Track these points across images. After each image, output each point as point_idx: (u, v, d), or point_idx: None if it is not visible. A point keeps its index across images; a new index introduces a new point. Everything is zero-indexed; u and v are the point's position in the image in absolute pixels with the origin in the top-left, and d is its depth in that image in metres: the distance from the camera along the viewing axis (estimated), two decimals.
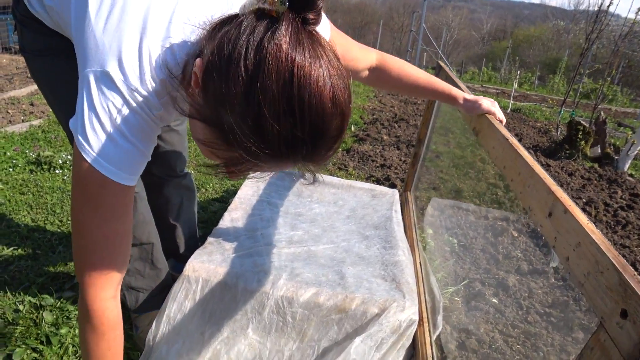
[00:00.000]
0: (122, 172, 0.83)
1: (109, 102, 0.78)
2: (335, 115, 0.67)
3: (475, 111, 1.39)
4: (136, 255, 1.51)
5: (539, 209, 0.83)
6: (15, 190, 2.57)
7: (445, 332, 1.66)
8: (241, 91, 0.64)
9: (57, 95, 1.24)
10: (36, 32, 1.14)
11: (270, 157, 0.68)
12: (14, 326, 1.60)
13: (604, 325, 0.56)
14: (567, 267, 0.69)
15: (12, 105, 4.33)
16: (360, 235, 1.76)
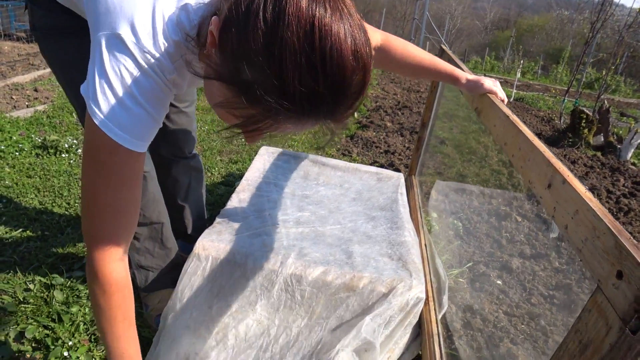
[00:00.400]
0: (133, 138, 0.82)
1: (120, 65, 0.77)
2: (356, 69, 0.65)
3: (478, 90, 1.41)
4: (146, 234, 1.52)
5: (539, 181, 0.85)
6: (22, 174, 2.59)
7: (450, 312, 1.68)
8: (261, 45, 0.63)
9: (66, 74, 1.26)
10: (46, 9, 1.14)
11: (290, 114, 0.67)
12: (25, 304, 1.62)
13: (600, 287, 0.58)
14: (566, 236, 0.71)
15: (15, 91, 4.34)
16: (366, 216, 1.78)
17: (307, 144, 3.78)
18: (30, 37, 6.76)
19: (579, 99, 6.26)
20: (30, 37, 6.75)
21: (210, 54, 0.73)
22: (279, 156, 2.15)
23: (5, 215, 2.17)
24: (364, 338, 1.31)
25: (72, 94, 1.29)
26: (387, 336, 1.37)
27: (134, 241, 1.51)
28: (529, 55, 17.80)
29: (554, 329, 1.71)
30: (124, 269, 0.95)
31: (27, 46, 6.64)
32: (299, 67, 0.62)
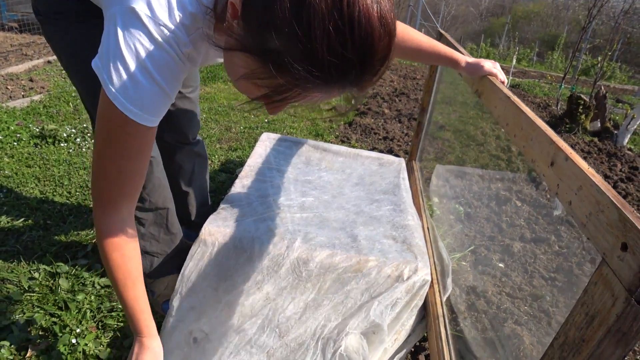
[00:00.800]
0: (144, 113, 0.83)
1: (134, 39, 0.77)
2: (383, 35, 0.65)
3: (478, 73, 1.40)
4: (151, 219, 1.52)
5: (542, 160, 0.85)
6: (22, 164, 2.58)
7: (454, 294, 1.69)
8: (288, 13, 0.62)
9: (70, 58, 1.25)
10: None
11: (318, 82, 0.66)
12: (31, 293, 1.63)
13: (605, 260, 0.59)
14: (570, 211, 0.72)
15: (10, 81, 4.30)
16: (369, 199, 1.78)
17: (305, 131, 3.77)
18: (22, 27, 6.69)
19: (575, 85, 6.26)
20: (22, 27, 6.68)
21: (231, 26, 0.72)
22: (280, 142, 2.14)
23: (7, 205, 2.16)
24: (372, 321, 1.32)
25: (76, 78, 1.28)
26: (394, 318, 1.38)
27: (139, 227, 1.51)
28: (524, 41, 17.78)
29: (556, 310, 1.73)
30: (128, 227, 0.99)
31: (20, 36, 6.58)
32: (327, 34, 0.62)
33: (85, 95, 1.32)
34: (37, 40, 6.37)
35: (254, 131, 3.60)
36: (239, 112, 4.08)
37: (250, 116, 4.02)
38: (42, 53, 5.67)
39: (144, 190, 1.45)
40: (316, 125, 3.93)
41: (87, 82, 1.25)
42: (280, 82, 0.68)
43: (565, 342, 0.63)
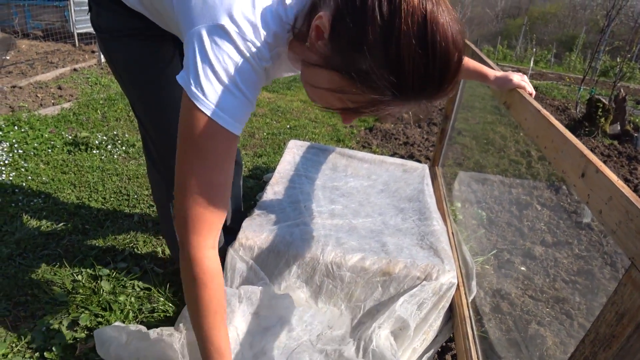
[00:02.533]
0: (235, 121, 0.87)
1: (223, 53, 0.83)
2: (457, 55, 0.73)
3: (507, 86, 1.47)
4: None
5: (573, 171, 0.92)
6: (57, 170, 2.69)
7: (479, 296, 1.75)
8: (379, 37, 0.70)
9: (131, 75, 1.30)
10: (114, 12, 1.19)
11: (401, 97, 0.74)
12: (75, 294, 1.72)
13: (634, 264, 0.65)
14: (600, 219, 0.78)
15: (40, 89, 4.45)
16: (395, 208, 1.85)
17: (327, 136, 3.85)
18: (46, 36, 6.87)
19: (594, 87, 6.24)
20: (46, 35, 6.85)
21: (314, 45, 0.80)
22: (307, 149, 2.22)
23: (46, 210, 2.27)
24: (398, 316, 1.38)
25: (135, 93, 1.34)
26: (422, 319, 1.45)
27: None
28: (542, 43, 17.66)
29: (578, 312, 1.77)
30: (217, 257, 0.97)
31: (44, 44, 6.75)
32: (413, 57, 0.70)
33: (142, 109, 1.37)
34: (61, 48, 6.54)
35: (277, 137, 3.69)
36: (261, 118, 4.17)
37: (273, 122, 4.11)
38: (67, 61, 5.84)
39: None
40: (337, 131, 4.01)
41: (146, 95, 1.31)
42: (364, 98, 0.77)
43: (597, 338, 0.70)
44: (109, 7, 1.19)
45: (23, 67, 5.33)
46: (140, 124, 1.44)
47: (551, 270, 2.06)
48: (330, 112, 0.85)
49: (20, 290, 1.74)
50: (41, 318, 1.62)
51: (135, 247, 2.02)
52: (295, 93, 5.32)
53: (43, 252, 1.96)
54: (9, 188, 2.44)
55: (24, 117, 3.40)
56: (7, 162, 2.72)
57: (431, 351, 1.54)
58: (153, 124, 1.37)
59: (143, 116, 1.39)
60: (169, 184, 1.47)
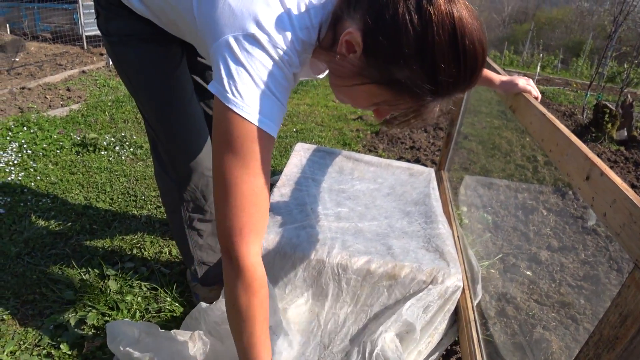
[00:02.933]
0: (275, 125, 0.90)
1: (256, 60, 0.85)
2: (483, 54, 0.79)
3: (512, 91, 1.48)
4: (210, 230, 1.60)
5: (577, 174, 0.93)
6: (66, 171, 2.72)
7: (484, 300, 1.75)
8: (414, 50, 0.75)
9: (141, 78, 1.30)
10: (123, 17, 1.19)
11: (434, 98, 0.81)
12: (82, 294, 1.73)
13: (638, 266, 0.66)
14: (604, 222, 0.79)
15: (49, 90, 4.49)
16: (401, 211, 1.86)
17: (333, 140, 3.86)
18: (55, 38, 6.92)
19: (601, 93, 6.23)
20: (55, 37, 6.91)
21: (347, 59, 0.85)
22: (314, 152, 2.23)
23: (54, 210, 2.29)
24: (404, 320, 1.39)
25: (145, 96, 1.33)
26: (428, 322, 1.45)
27: (198, 238, 1.59)
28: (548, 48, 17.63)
29: (584, 317, 1.77)
30: (262, 264, 0.96)
31: (53, 46, 6.80)
32: (447, 63, 0.76)
33: (150, 113, 1.36)
34: (69, 50, 6.60)
35: (284, 140, 3.70)
36: None
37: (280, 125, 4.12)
38: (76, 63, 5.89)
39: (205, 202, 1.53)
40: (343, 135, 4.02)
41: (157, 97, 1.32)
42: (402, 101, 0.84)
43: (600, 340, 0.70)
44: (117, 12, 1.19)
45: (32, 69, 5.38)
46: (149, 127, 1.44)
47: (557, 275, 2.06)
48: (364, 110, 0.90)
49: (28, 289, 1.76)
50: (49, 316, 1.64)
51: (142, 247, 2.04)
52: (302, 97, 5.34)
53: (51, 252, 1.98)
54: (18, 188, 2.47)
55: (33, 118, 3.44)
56: (16, 162, 2.75)
57: (436, 354, 1.55)
58: (163, 127, 1.38)
59: (153, 119, 1.38)
60: (181, 187, 1.49)
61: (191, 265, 1.62)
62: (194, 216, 1.55)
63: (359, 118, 4.62)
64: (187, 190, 1.49)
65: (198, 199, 1.51)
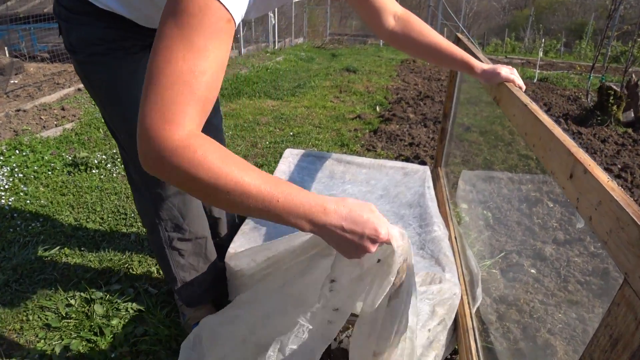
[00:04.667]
0: (233, 3, 0.76)
1: None
2: None
3: (494, 80, 1.39)
4: (191, 250, 1.53)
5: (561, 172, 0.83)
6: (56, 192, 2.67)
7: (484, 304, 1.67)
8: None
9: (113, 95, 1.24)
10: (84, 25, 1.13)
11: None
12: (68, 319, 1.68)
13: (627, 280, 0.56)
14: (590, 227, 0.70)
15: (44, 111, 4.46)
16: (395, 215, 1.78)
17: (331, 142, 3.79)
18: (52, 57, 6.92)
19: (605, 74, 6.09)
20: (52, 57, 6.91)
21: None
22: (303, 157, 2.16)
23: (44, 233, 2.24)
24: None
25: (119, 114, 1.27)
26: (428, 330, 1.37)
27: (179, 258, 1.52)
28: (550, 33, 17.40)
29: (592, 315, 1.68)
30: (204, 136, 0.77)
31: (52, 66, 6.80)
32: None
33: (126, 129, 1.30)
34: (67, 68, 6.58)
35: (280, 145, 3.63)
36: (264, 127, 4.12)
37: (276, 130, 4.06)
38: (73, 81, 5.86)
39: (183, 221, 1.47)
40: (341, 135, 3.94)
41: (132, 114, 1.15)
42: None
43: None
44: (78, 21, 1.13)
45: (30, 90, 5.36)
46: (121, 147, 1.38)
47: (563, 271, 1.97)
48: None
49: (15, 317, 1.72)
50: (35, 345, 1.59)
51: (130, 267, 1.98)
52: (300, 99, 5.28)
53: (39, 277, 1.93)
54: (8, 213, 2.42)
55: (26, 140, 3.40)
56: (7, 187, 2.71)
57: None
58: (130, 136, 1.29)
59: (127, 138, 1.32)
60: (157, 206, 1.43)
61: (174, 285, 1.55)
62: (173, 235, 1.49)
63: (357, 117, 4.54)
64: (163, 209, 1.43)
65: (175, 217, 1.45)
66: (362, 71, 7.39)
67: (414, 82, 6.78)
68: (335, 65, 7.99)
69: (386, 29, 1.38)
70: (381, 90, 5.99)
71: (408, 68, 8.25)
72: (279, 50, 10.09)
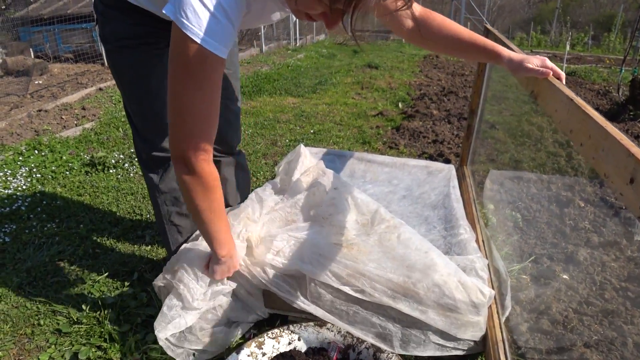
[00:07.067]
0: (222, 46, 0.96)
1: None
2: None
3: (521, 72, 1.24)
4: (189, 228, 1.65)
5: (618, 175, 0.72)
6: (73, 192, 2.64)
7: (514, 313, 1.56)
8: None
9: (134, 85, 1.39)
10: (117, 20, 1.27)
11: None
12: (79, 325, 1.63)
13: None
14: None
15: (65, 111, 4.47)
16: (418, 216, 1.68)
17: (352, 139, 3.69)
18: (77, 58, 6.99)
19: (637, 67, 5.84)
20: (77, 57, 6.98)
21: None
22: (323, 156, 2.08)
23: (59, 235, 2.21)
24: None
25: (132, 96, 1.44)
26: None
27: (177, 235, 1.64)
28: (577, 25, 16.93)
29: (632, 327, 1.55)
30: (214, 167, 1.14)
31: (75, 66, 6.87)
32: None
33: (139, 118, 1.49)
34: (90, 68, 6.63)
35: (300, 143, 3.55)
36: (285, 125, 4.05)
37: (296, 128, 3.98)
38: (96, 80, 5.89)
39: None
40: (363, 133, 3.85)
41: (144, 105, 1.43)
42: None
43: None
44: (112, 15, 1.27)
45: (54, 90, 5.39)
46: (134, 128, 1.54)
47: (598, 277, 1.84)
48: (313, 21, 0.95)
49: (27, 321, 1.68)
50: (45, 351, 1.54)
51: (144, 271, 1.92)
52: (321, 96, 5.20)
53: (53, 280, 1.90)
54: (24, 214, 2.40)
55: (45, 140, 3.40)
56: (24, 187, 2.70)
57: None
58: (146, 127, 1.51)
59: (140, 120, 1.50)
60: (160, 178, 1.56)
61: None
62: (172, 210, 1.59)
63: (380, 114, 4.44)
64: (164, 181, 1.55)
65: (175, 190, 1.57)
66: (384, 67, 7.27)
67: (437, 77, 6.63)
68: (356, 61, 7.88)
69: (405, 30, 1.34)
70: (404, 87, 5.87)
71: (431, 64, 8.09)
72: (300, 47, 10.03)
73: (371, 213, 1.44)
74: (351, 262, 1.25)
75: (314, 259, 1.27)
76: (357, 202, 1.48)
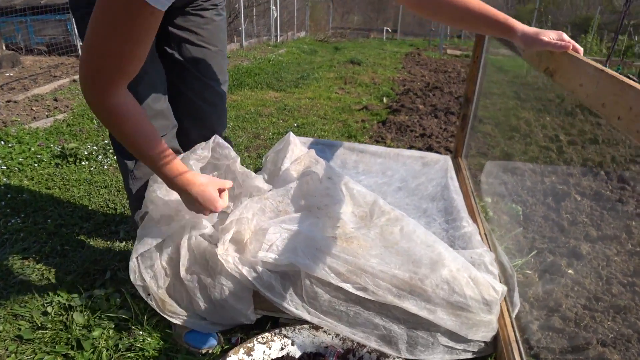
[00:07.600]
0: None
1: None
2: None
3: (538, 45, 1.12)
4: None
5: None
6: (41, 186, 2.46)
7: (523, 311, 1.45)
8: None
9: None
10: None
11: None
12: (43, 330, 1.47)
13: None
14: None
15: (35, 102, 4.25)
16: (417, 209, 1.56)
17: (337, 133, 3.56)
18: (50, 50, 6.74)
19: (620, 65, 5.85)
20: (50, 49, 6.73)
21: None
22: (312, 146, 1.95)
23: (24, 230, 2.03)
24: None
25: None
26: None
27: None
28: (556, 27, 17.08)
29: None
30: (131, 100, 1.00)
31: (48, 59, 6.62)
32: None
33: None
34: (64, 61, 6.39)
35: (283, 136, 3.41)
36: (267, 118, 3.91)
37: (279, 121, 3.84)
38: (70, 73, 5.65)
39: None
40: (348, 127, 3.72)
41: None
42: None
43: None
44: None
45: (26, 82, 5.14)
46: None
47: (604, 272, 1.75)
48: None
49: None
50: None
51: (117, 269, 1.76)
52: (303, 91, 5.06)
53: (16, 280, 1.72)
54: None
55: (13, 131, 3.19)
56: None
57: None
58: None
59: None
60: None
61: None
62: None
63: (364, 108, 4.32)
64: (140, 167, 1.44)
65: (149, 174, 1.44)
66: (366, 63, 7.17)
67: (421, 74, 6.55)
68: (338, 57, 7.77)
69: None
70: (387, 82, 5.77)
71: (413, 60, 8.03)
72: (280, 43, 9.87)
73: (369, 205, 1.32)
74: (351, 258, 1.12)
75: (310, 253, 1.14)
76: (352, 193, 1.35)
